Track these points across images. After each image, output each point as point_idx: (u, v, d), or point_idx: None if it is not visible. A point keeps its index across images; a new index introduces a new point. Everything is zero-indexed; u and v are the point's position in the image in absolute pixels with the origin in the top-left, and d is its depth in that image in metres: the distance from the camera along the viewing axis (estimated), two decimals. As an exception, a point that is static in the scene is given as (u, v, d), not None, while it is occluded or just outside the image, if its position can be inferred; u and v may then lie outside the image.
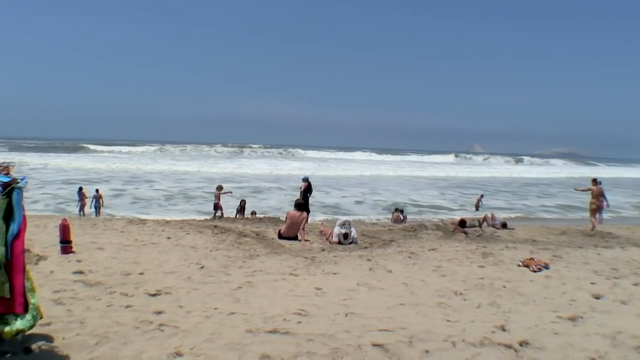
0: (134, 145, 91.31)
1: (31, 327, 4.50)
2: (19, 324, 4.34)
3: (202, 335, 5.16)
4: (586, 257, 10.86)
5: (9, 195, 4.33)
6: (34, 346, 4.55)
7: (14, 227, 4.34)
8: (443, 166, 75.91)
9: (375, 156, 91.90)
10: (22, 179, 4.49)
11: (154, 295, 6.64)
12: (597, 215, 18.75)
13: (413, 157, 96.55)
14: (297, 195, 20.08)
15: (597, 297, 7.42)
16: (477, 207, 25.15)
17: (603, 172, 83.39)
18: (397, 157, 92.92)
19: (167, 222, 14.65)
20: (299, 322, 5.70)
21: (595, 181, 19.23)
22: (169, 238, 11.27)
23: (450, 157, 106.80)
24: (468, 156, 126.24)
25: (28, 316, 4.44)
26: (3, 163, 4.67)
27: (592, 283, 8.34)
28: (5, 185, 4.35)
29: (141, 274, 7.83)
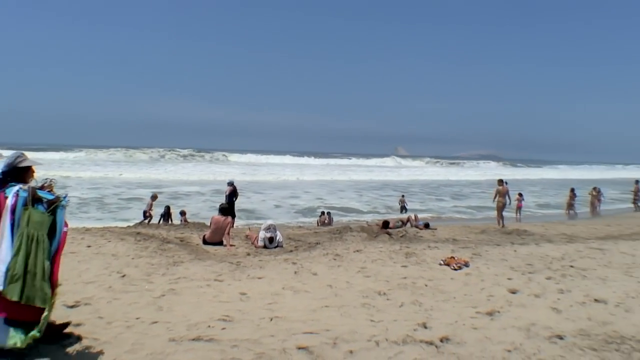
0: (53, 150, 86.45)
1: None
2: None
3: (123, 347, 5.03)
4: (504, 254, 11.28)
5: (53, 212, 4.66)
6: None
7: (54, 244, 4.72)
8: (369, 169, 77.02)
9: (302, 160, 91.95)
10: (64, 197, 4.83)
11: (72, 306, 6.39)
12: (503, 214, 20.43)
13: (340, 161, 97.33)
14: (219, 200, 19.92)
15: (513, 292, 7.74)
16: (403, 208, 25.63)
17: (521, 172, 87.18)
18: (324, 161, 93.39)
19: (87, 229, 14.15)
20: (224, 329, 5.65)
21: (501, 181, 20.71)
22: (89, 246, 10.87)
23: (375, 161, 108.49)
24: (393, 159, 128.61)
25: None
26: (46, 180, 5.04)
27: (509, 279, 8.69)
28: (50, 202, 4.69)
29: (59, 284, 7.52)
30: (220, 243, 12.23)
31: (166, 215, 19.81)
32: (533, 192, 41.98)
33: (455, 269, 9.31)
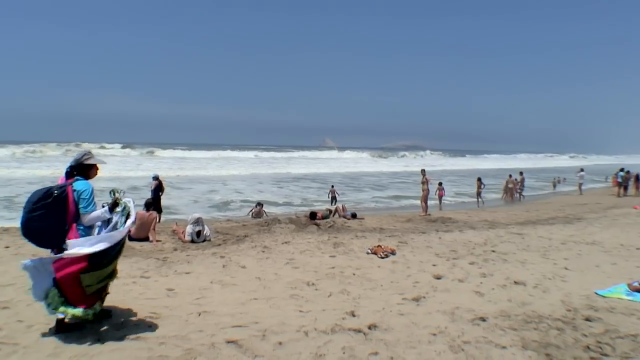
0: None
1: None
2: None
3: (45, 350, 4.81)
4: (429, 241, 11.57)
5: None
6: None
7: None
8: (295, 161, 76.96)
9: (233, 153, 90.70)
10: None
11: (-12, 310, 6.08)
12: (427, 202, 21.10)
13: (267, 153, 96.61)
14: (144, 196, 19.39)
15: (438, 278, 7.96)
16: (333, 199, 25.76)
17: (447, 162, 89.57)
18: (251, 153, 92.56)
19: (6, 229, 13.50)
20: (150, 326, 5.52)
21: (423, 171, 21.23)
22: (7, 247, 10.39)
23: (305, 153, 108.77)
24: (320, 150, 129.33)
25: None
26: (115, 191, 5.59)
27: (434, 265, 8.93)
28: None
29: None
30: (146, 239, 11.94)
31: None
32: (452, 181, 43.07)
33: (382, 257, 9.47)
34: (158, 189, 18.11)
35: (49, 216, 5.03)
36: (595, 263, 9.29)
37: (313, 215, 16.36)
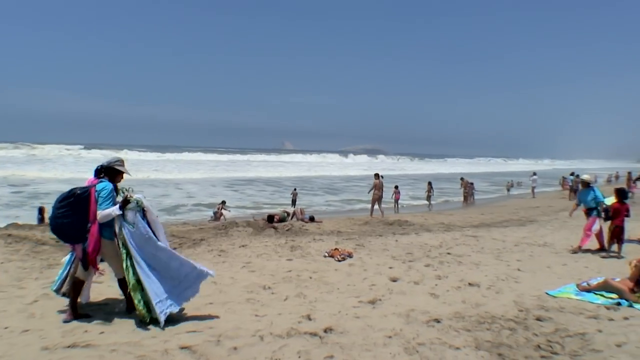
0: None
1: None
2: None
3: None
4: (386, 244, 11.66)
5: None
6: None
7: None
8: (251, 164, 76.47)
9: (191, 156, 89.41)
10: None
11: None
12: (381, 205, 21.65)
13: (225, 156, 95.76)
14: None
15: (394, 280, 8.03)
16: (294, 202, 25.69)
17: (406, 166, 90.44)
18: (211, 156, 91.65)
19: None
20: (102, 333, 5.40)
21: (377, 175, 21.58)
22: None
23: (263, 156, 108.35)
24: (279, 154, 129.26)
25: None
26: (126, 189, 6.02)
27: (390, 267, 9.01)
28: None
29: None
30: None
31: (41, 216, 18.63)
32: (410, 184, 43.43)
33: (339, 260, 9.50)
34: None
35: (72, 214, 5.60)
36: (547, 264, 9.52)
37: (270, 219, 16.30)
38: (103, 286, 7.44)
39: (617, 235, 10.44)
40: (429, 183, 27.83)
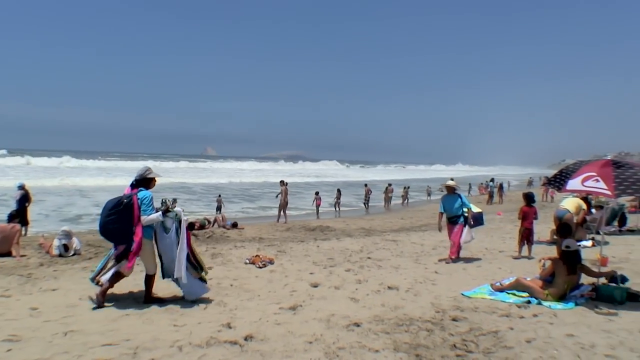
0: None
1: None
2: None
3: None
4: (307, 249, 11.71)
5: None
6: None
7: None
8: (174, 170, 74.69)
9: (110, 163, 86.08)
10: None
11: None
12: (285, 212, 22.08)
13: (144, 163, 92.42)
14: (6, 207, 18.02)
15: (315, 286, 8.06)
16: (218, 208, 25.32)
17: (328, 173, 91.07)
18: (131, 163, 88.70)
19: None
20: (9, 350, 5.11)
21: (282, 182, 22.78)
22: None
23: (183, 163, 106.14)
24: (202, 160, 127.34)
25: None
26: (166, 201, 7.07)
27: (311, 273, 9.05)
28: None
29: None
30: (9, 254, 11.08)
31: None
32: (331, 190, 43.57)
33: (260, 267, 9.47)
34: (24, 199, 16.90)
35: (121, 220, 6.56)
36: (462, 266, 9.85)
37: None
38: (11, 300, 7.10)
39: (527, 237, 10.92)
40: (338, 190, 28.15)
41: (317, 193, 25.75)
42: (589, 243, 12.27)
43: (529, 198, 11.28)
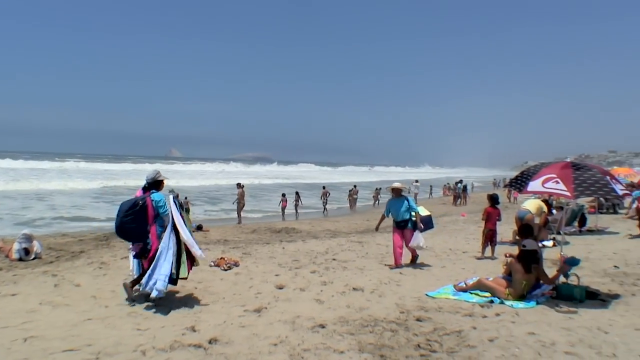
0: None
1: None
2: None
3: None
4: (272, 251, 11.69)
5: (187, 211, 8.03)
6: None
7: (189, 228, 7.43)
8: (139, 173, 73.06)
9: (67, 164, 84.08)
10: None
11: None
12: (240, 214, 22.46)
13: (107, 165, 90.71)
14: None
15: (280, 288, 8.05)
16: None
17: (293, 174, 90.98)
18: (91, 165, 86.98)
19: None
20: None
21: (239, 185, 23.11)
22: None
23: (146, 165, 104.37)
24: (167, 162, 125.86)
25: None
26: (173, 192, 8.14)
27: (277, 275, 9.03)
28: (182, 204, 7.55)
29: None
30: (-35, 259, 10.81)
31: None
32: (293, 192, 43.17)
33: (225, 270, 9.41)
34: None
35: (136, 220, 7.08)
36: (427, 267, 9.98)
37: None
38: None
39: (490, 237, 11.10)
40: (296, 193, 27.87)
41: (283, 195, 25.74)
42: (550, 243, 12.55)
43: (493, 199, 11.46)
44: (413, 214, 10.17)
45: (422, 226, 10.24)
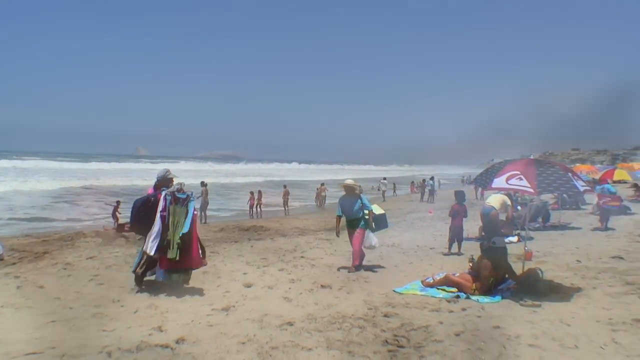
0: None
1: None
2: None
3: None
4: (241, 250, 11.65)
5: (187, 206, 7.89)
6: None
7: (189, 220, 7.76)
8: (104, 172, 71.68)
9: (26, 163, 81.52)
10: (191, 194, 8.09)
11: None
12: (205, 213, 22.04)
13: (68, 164, 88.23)
14: None
15: (249, 286, 8.04)
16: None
17: (264, 172, 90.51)
18: (54, 164, 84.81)
19: None
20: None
21: (203, 183, 23.14)
22: None
23: (111, 164, 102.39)
24: (133, 161, 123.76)
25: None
26: (178, 184, 8.09)
27: (245, 273, 9.01)
28: (185, 200, 7.90)
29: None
30: None
31: None
32: (264, 191, 42.69)
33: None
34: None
35: (149, 214, 7.73)
36: (395, 263, 10.02)
37: (121, 227, 15.61)
38: None
39: (457, 234, 11.23)
40: (259, 191, 27.58)
41: (252, 192, 25.60)
42: (514, 238, 12.78)
43: (459, 196, 11.60)
44: (366, 212, 9.78)
45: (375, 225, 9.94)
